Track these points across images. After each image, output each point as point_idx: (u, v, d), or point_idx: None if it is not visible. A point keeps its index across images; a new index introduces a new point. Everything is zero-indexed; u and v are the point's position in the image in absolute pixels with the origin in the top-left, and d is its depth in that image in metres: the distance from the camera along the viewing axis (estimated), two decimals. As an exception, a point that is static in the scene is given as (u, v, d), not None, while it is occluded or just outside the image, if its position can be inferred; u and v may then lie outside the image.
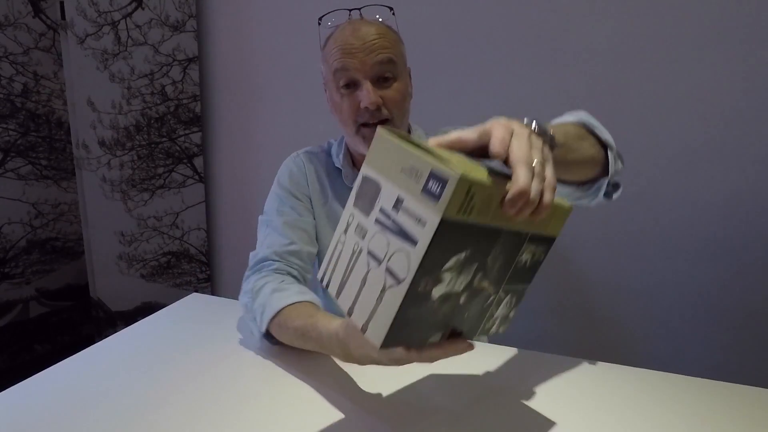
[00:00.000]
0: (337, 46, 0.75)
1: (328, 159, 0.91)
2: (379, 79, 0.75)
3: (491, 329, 0.48)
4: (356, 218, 0.42)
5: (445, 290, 0.38)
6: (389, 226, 0.38)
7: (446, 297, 0.39)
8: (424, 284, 0.36)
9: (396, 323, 0.36)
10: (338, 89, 0.77)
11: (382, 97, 0.75)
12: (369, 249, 0.39)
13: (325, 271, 0.45)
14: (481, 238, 0.37)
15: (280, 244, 0.80)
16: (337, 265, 0.43)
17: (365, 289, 0.39)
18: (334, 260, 0.44)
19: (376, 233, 0.39)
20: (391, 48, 0.76)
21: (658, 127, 1.28)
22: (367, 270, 0.39)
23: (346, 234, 0.43)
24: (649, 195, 1.32)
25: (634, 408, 0.60)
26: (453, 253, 0.36)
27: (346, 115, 0.78)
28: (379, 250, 0.38)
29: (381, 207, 0.39)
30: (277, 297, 0.69)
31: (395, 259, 0.36)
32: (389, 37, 0.77)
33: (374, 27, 0.76)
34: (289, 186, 0.87)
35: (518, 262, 0.43)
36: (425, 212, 0.34)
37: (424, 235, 0.34)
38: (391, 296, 0.36)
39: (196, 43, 1.63)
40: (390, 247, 0.37)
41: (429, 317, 0.39)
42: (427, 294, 0.37)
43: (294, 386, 0.63)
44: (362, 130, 0.78)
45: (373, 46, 0.74)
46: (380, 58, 0.74)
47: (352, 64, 0.74)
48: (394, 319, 0.36)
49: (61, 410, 0.56)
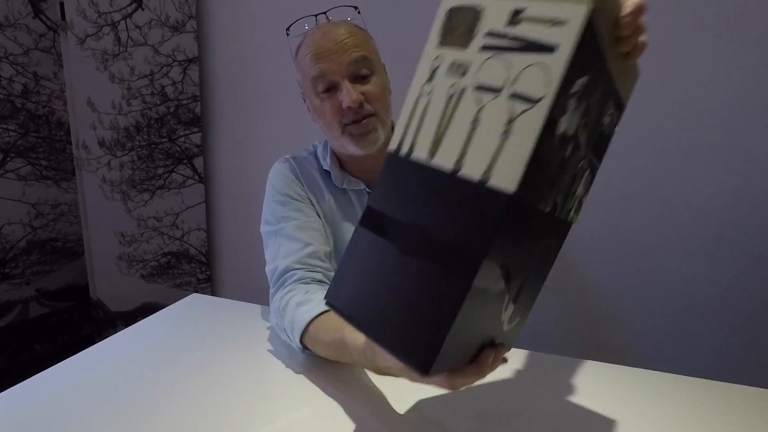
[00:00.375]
0: (310, 53, 0.76)
1: (316, 161, 0.90)
2: (357, 78, 0.76)
3: (571, 213, 0.44)
4: (447, 58, 0.37)
5: (564, 128, 0.34)
6: (507, 45, 0.33)
7: (563, 139, 0.35)
8: (561, 107, 0.32)
9: (532, 162, 0.31)
10: (317, 95, 0.77)
11: (363, 93, 0.75)
12: (478, 83, 0.35)
13: (403, 137, 0.40)
14: (596, 64, 0.34)
15: (296, 250, 0.77)
16: (425, 121, 0.38)
17: (480, 129, 0.34)
18: (417, 118, 0.39)
19: (486, 61, 0.34)
20: (363, 45, 0.76)
21: (659, 126, 1.28)
22: (478, 107, 0.34)
23: (432, 82, 0.38)
24: (649, 194, 1.32)
25: (635, 408, 0.60)
26: (583, 71, 0.33)
27: (329, 118, 0.77)
28: (495, 78, 0.34)
29: (489, 30, 0.35)
30: (302, 311, 0.67)
31: (524, 79, 0.32)
32: (359, 35, 0.77)
33: (343, 27, 0.77)
34: (287, 190, 0.86)
35: (601, 124, 0.41)
36: (562, 9, 0.31)
37: (566, 35, 0.31)
38: (525, 123, 0.32)
39: (196, 44, 1.63)
40: (513, 68, 0.33)
41: (551, 171, 0.35)
42: (557, 126, 0.33)
43: (294, 386, 0.63)
44: (348, 128, 0.77)
45: (345, 45, 0.74)
46: (355, 57, 0.74)
47: (328, 67, 0.74)
48: (533, 153, 0.31)
49: (61, 410, 0.56)
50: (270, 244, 0.81)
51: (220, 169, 1.76)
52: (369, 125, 0.77)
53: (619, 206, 1.35)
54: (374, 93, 0.76)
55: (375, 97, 0.76)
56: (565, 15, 0.31)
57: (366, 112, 0.76)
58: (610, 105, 0.41)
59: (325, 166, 0.87)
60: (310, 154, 0.92)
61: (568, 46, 0.31)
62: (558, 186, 0.38)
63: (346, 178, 0.86)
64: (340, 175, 0.86)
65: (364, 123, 0.77)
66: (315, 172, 0.89)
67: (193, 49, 1.63)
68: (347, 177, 0.86)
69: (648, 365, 0.71)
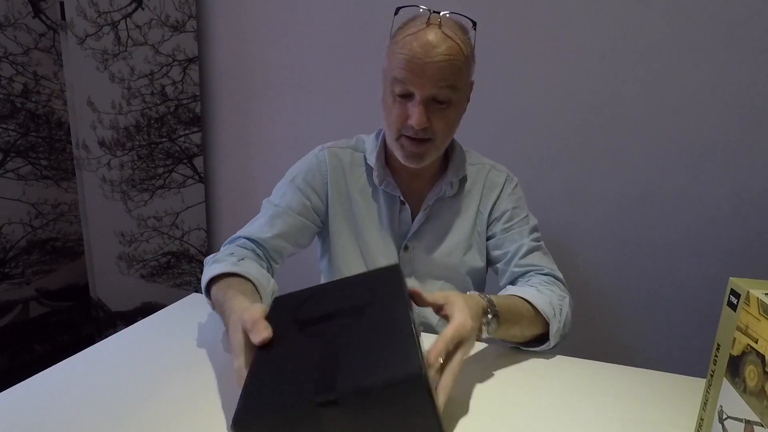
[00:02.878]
0: (404, 55, 0.72)
1: (353, 154, 0.90)
2: (434, 101, 0.74)
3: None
4: None
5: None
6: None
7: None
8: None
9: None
10: (392, 93, 0.76)
11: (431, 119, 0.74)
12: None
13: None
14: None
15: (259, 230, 0.83)
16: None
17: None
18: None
19: None
20: (456, 74, 0.73)
21: (659, 126, 1.28)
22: None
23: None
24: (649, 195, 1.32)
25: (635, 408, 0.60)
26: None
27: (392, 120, 0.77)
28: None
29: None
30: (215, 267, 0.72)
31: None
32: (459, 59, 0.72)
33: (447, 45, 0.71)
34: (301, 182, 0.87)
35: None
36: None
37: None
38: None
39: (196, 44, 1.63)
40: None
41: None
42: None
43: (294, 386, 0.63)
44: (402, 139, 0.78)
45: (440, 68, 0.71)
46: (442, 83, 0.72)
47: (413, 80, 0.72)
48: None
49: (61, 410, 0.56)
50: (261, 211, 0.88)
51: (220, 169, 1.76)
52: (422, 147, 0.77)
53: (620, 207, 1.35)
54: (441, 124, 0.76)
55: (440, 128, 0.76)
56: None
57: (425, 136, 0.76)
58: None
59: (369, 161, 0.87)
60: (350, 148, 0.91)
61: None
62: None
63: (386, 180, 0.86)
64: (382, 174, 0.86)
65: (418, 142, 0.77)
66: (350, 166, 0.89)
67: (193, 48, 1.63)
68: (388, 179, 0.86)
69: (648, 365, 0.71)
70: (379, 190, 0.87)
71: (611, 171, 1.34)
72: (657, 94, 1.26)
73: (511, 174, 0.93)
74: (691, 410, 0.55)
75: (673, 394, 0.63)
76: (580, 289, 1.42)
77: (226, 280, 0.70)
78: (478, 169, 0.91)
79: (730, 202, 1.26)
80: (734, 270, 1.27)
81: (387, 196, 0.87)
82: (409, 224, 0.87)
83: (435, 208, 0.88)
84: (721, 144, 1.24)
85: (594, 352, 1.43)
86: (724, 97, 1.22)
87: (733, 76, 1.20)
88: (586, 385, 0.65)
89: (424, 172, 0.87)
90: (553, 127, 1.36)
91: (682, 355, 1.35)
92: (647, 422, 0.57)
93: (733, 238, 1.27)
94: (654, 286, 1.35)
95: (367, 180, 0.89)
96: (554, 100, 1.35)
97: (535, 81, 1.35)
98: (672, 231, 1.31)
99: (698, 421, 0.52)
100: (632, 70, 1.27)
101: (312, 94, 1.57)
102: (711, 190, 1.27)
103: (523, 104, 1.37)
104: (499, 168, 0.93)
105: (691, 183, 1.28)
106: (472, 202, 0.89)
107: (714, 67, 1.21)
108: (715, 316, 0.50)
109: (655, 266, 1.34)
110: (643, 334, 1.39)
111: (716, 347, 0.50)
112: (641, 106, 1.28)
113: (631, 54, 1.26)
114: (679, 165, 1.28)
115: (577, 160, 1.36)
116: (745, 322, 0.45)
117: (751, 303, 0.44)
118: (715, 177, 1.26)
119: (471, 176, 0.90)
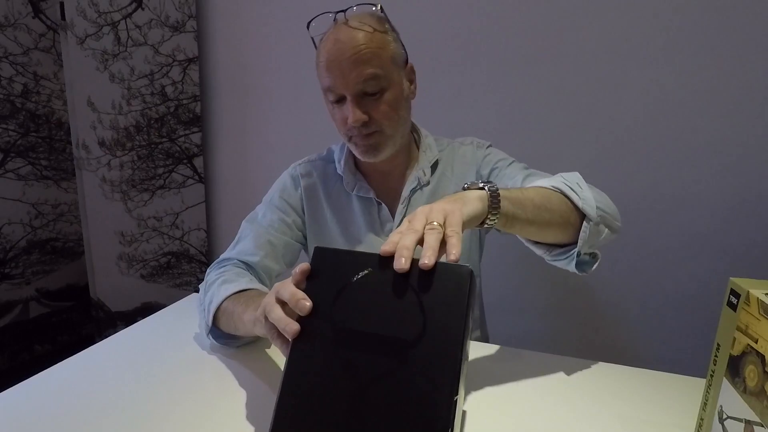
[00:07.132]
0: (323, 61, 0.74)
1: (326, 166, 0.91)
2: (365, 95, 0.74)
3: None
4: None
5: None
6: None
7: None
8: None
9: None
10: (329, 102, 0.78)
11: (369, 111, 0.75)
12: None
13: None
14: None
15: (247, 253, 0.82)
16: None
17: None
18: None
19: None
20: (375, 59, 0.72)
21: (659, 126, 1.28)
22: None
23: None
24: (649, 195, 1.32)
25: (635, 408, 0.60)
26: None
27: (339, 126, 0.79)
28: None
29: None
30: (225, 288, 0.70)
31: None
32: (374, 44, 0.72)
33: (359, 34, 0.72)
34: (278, 201, 0.88)
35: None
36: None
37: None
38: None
39: (196, 44, 1.63)
40: None
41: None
42: None
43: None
44: (354, 139, 0.79)
45: (357, 59, 0.71)
46: (364, 75, 0.72)
47: (336, 81, 0.73)
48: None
49: (61, 410, 0.56)
50: (242, 229, 0.87)
51: (220, 169, 1.76)
52: (372, 139, 0.78)
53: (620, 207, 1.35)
54: (381, 111, 0.75)
55: (382, 115, 0.76)
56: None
57: (370, 130, 0.76)
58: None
59: (339, 170, 0.88)
60: (320, 159, 0.92)
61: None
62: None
63: (357, 184, 0.87)
64: (353, 180, 0.87)
65: (367, 136, 0.77)
66: (321, 178, 0.90)
67: (193, 49, 1.63)
68: (359, 183, 0.87)
69: (648, 365, 0.71)
70: (352, 196, 0.88)
71: (611, 171, 1.34)
72: (657, 94, 1.26)
73: (481, 140, 0.91)
74: (691, 410, 0.55)
75: (673, 394, 0.63)
76: (580, 289, 1.42)
77: (239, 294, 0.69)
78: (448, 151, 0.90)
79: (730, 202, 1.25)
80: (734, 270, 1.27)
81: (362, 200, 0.87)
82: (391, 221, 0.87)
83: (414, 199, 0.87)
84: (722, 144, 1.24)
85: (594, 352, 1.43)
86: (725, 97, 1.22)
87: (734, 76, 1.20)
88: (586, 385, 0.65)
89: (394, 168, 0.87)
90: (553, 128, 1.36)
91: (682, 355, 1.35)
92: (647, 422, 0.57)
93: (733, 238, 1.27)
94: (654, 286, 1.35)
95: (342, 188, 0.89)
96: (554, 100, 1.35)
97: (535, 81, 1.35)
98: (672, 231, 1.31)
99: (698, 421, 0.52)
100: (632, 71, 1.27)
101: (312, 94, 1.57)
102: (711, 190, 1.27)
103: (523, 104, 1.37)
104: (466, 141, 0.91)
105: (692, 183, 1.28)
106: (450, 183, 0.88)
107: (714, 67, 1.21)
108: (715, 316, 0.50)
109: (655, 266, 1.34)
110: (643, 334, 1.39)
111: (716, 347, 0.50)
112: (641, 107, 1.28)
113: (632, 54, 1.26)
114: (679, 165, 1.28)
115: (577, 161, 1.37)
116: (745, 322, 0.45)
117: (751, 303, 0.44)
118: (715, 177, 1.26)
119: (443, 160, 0.89)
